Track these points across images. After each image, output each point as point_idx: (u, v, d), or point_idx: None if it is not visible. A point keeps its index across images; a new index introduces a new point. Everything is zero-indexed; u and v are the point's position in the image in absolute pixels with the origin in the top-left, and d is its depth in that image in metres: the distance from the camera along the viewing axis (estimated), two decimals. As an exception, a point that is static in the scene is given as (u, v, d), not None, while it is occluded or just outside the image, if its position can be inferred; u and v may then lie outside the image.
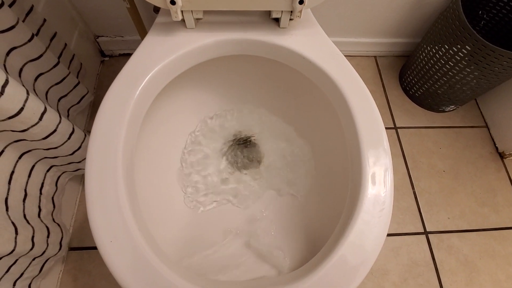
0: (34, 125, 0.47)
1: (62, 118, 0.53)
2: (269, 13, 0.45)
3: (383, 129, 0.39)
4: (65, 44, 0.68)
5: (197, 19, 0.43)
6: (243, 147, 0.69)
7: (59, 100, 0.66)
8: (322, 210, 0.50)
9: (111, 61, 0.91)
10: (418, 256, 0.71)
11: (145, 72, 0.39)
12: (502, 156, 0.85)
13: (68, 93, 0.68)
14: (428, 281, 0.69)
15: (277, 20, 0.45)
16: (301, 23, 0.45)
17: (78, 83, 0.70)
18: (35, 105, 0.47)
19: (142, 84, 0.38)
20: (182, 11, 0.40)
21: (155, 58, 0.40)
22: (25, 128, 0.47)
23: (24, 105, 0.44)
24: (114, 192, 0.31)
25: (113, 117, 0.36)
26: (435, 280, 0.69)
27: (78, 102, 0.72)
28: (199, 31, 0.43)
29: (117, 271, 0.29)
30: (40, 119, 0.48)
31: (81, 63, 0.75)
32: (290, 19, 0.44)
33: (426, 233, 0.74)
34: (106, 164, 0.33)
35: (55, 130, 0.51)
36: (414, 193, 0.79)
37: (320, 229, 0.46)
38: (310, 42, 0.43)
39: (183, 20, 0.42)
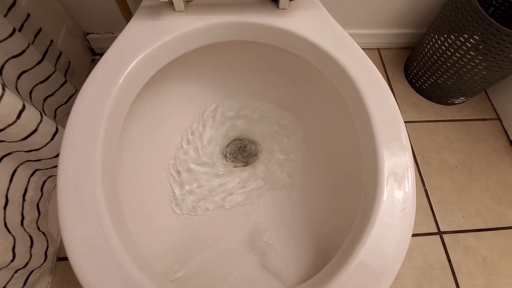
0: (11, 124, 0.43)
1: (44, 117, 0.49)
2: (267, -7, 0.41)
3: (401, 120, 0.35)
4: (51, 41, 0.64)
5: (187, 1, 0.39)
6: (242, 146, 0.65)
7: (45, 99, 0.62)
8: (333, 213, 0.45)
9: (102, 60, 0.86)
10: (433, 259, 0.67)
11: (129, 59, 0.34)
12: (516, 149, 0.81)
13: (55, 92, 0.64)
14: (445, 285, 0.64)
15: (275, 1, 0.41)
16: (302, 3, 0.40)
17: (65, 81, 0.66)
18: (11, 102, 0.42)
19: (126, 73, 0.34)
20: (169, -9, 0.36)
21: (140, 44, 0.35)
22: (2, 127, 0.43)
23: (-2, 101, 0.40)
24: (91, 196, 0.27)
25: (92, 110, 0.31)
26: (452, 284, 0.64)
27: (66, 102, 0.68)
28: (189, 14, 0.39)
29: (94, 288, 0.25)
30: (18, 117, 0.44)
31: (69, 61, 0.71)
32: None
33: (440, 233, 0.70)
34: (82, 164, 0.28)
35: (35, 130, 0.47)
36: (426, 190, 0.75)
37: (331, 235, 0.41)
38: (314, 23, 0.39)
39: (171, 3, 0.38)
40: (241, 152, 0.61)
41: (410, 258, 0.66)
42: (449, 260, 0.67)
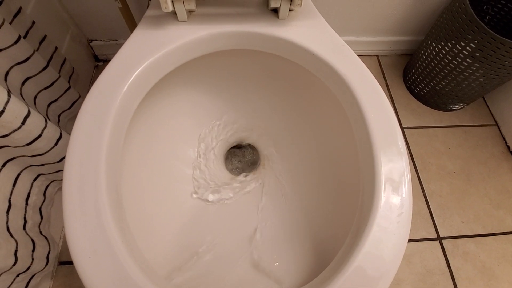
0: (16, 130, 0.44)
1: (48, 122, 0.49)
2: (267, 3, 0.42)
3: (397, 127, 0.36)
4: (56, 48, 0.65)
5: (190, 11, 0.40)
6: (242, 153, 0.65)
7: (49, 105, 0.63)
8: (331, 218, 0.45)
9: (105, 66, 0.88)
10: (433, 264, 0.67)
11: (133, 68, 0.35)
12: (514, 155, 0.81)
13: (59, 98, 0.65)
14: (444, 290, 0.64)
15: (275, 11, 0.42)
16: (302, 13, 0.42)
17: (69, 87, 0.67)
18: (17, 108, 0.43)
19: (130, 80, 0.35)
20: (172, 2, 0.37)
21: (144, 53, 0.36)
22: (7, 133, 0.43)
23: (4, 107, 0.41)
24: (95, 201, 0.27)
25: (97, 116, 0.32)
26: (452, 289, 0.65)
27: (70, 108, 0.69)
28: (191, 24, 0.40)
29: (97, 291, 0.25)
30: (23, 123, 0.44)
31: (73, 68, 0.72)
32: (290, 10, 0.41)
33: (439, 238, 0.70)
34: (87, 170, 0.29)
35: (40, 135, 0.48)
36: (425, 196, 0.75)
37: (329, 239, 0.42)
38: (313, 33, 0.40)
39: (174, 13, 0.39)
40: (241, 158, 0.61)
41: (409, 264, 0.67)
42: (449, 266, 0.67)
